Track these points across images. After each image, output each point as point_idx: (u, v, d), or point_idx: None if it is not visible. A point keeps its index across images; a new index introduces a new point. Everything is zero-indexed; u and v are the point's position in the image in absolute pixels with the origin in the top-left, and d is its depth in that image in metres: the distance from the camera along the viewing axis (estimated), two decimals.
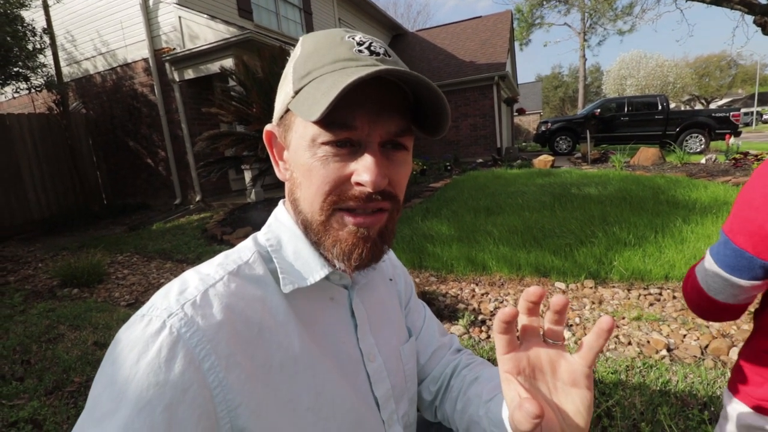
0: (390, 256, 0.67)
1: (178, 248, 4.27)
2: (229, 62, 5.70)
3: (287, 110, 0.44)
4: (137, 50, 6.65)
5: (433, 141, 11.24)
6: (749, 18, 7.59)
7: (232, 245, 4.24)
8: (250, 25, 7.17)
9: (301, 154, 0.42)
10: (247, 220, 4.87)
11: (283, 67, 4.61)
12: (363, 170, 0.40)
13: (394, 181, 0.44)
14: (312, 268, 0.46)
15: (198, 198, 6.76)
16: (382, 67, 0.37)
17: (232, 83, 4.99)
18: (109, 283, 3.46)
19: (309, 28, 9.34)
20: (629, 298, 2.32)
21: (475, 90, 10.97)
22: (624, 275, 2.55)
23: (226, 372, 0.38)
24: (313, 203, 0.43)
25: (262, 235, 0.50)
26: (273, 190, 6.98)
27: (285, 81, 0.45)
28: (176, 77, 6.41)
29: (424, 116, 0.44)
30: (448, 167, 8.68)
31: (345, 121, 0.40)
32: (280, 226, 0.49)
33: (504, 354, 0.37)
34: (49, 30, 5.99)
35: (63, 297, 3.15)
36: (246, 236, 4.60)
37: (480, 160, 10.16)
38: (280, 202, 0.52)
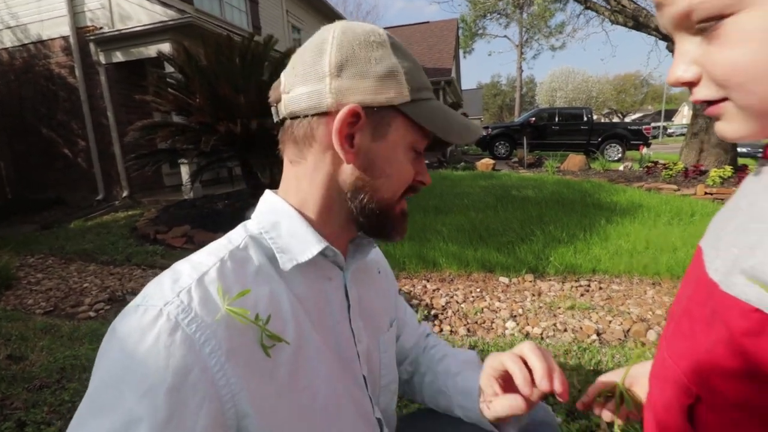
0: (378, 252, 0.69)
1: (103, 249, 3.88)
2: (166, 47, 5.28)
3: (392, 106, 0.46)
4: (55, 26, 5.91)
5: None
6: (662, 44, 8.63)
7: (168, 245, 3.94)
8: (190, 9, 6.68)
9: (399, 152, 0.49)
10: (184, 217, 4.53)
11: (230, 56, 4.31)
12: (425, 173, 0.53)
13: None
14: (308, 244, 0.47)
15: (125, 193, 6.19)
16: (477, 132, 0.53)
17: (169, 70, 4.63)
18: (19, 288, 3.05)
19: (254, 17, 8.95)
20: (563, 290, 2.54)
21: None
22: (559, 269, 2.78)
23: (227, 356, 0.39)
24: (396, 192, 0.50)
25: (251, 222, 0.51)
26: (213, 187, 6.59)
27: (391, 78, 0.45)
28: (102, 59, 5.80)
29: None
30: None
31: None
32: (271, 210, 0.50)
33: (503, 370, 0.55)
34: None
35: None
36: (184, 235, 4.32)
37: (426, 162, 10.43)
38: (267, 191, 0.53)
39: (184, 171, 5.42)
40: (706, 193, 5.05)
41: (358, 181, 0.47)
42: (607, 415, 0.52)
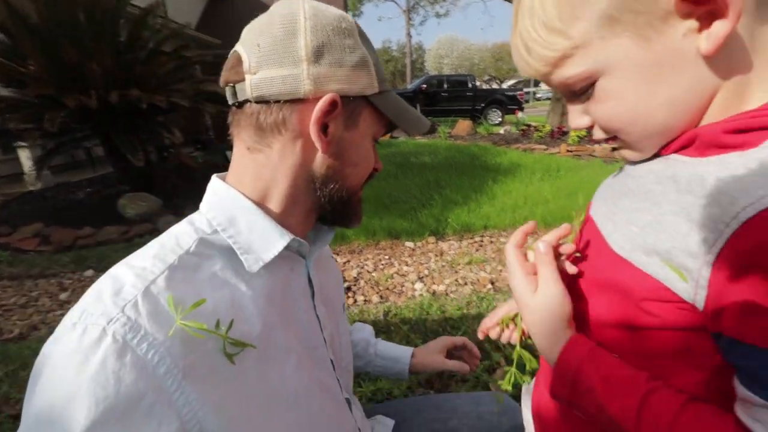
0: None
1: None
2: None
3: (363, 96, 0.46)
4: None
5: None
6: None
7: (15, 249, 3.21)
8: None
9: (367, 142, 0.50)
10: (33, 213, 3.70)
11: (72, 13, 3.53)
12: (379, 160, 0.54)
13: None
14: (271, 240, 0.45)
15: None
16: (427, 124, 0.54)
17: None
18: None
19: None
20: (462, 248, 2.77)
21: None
22: (456, 229, 3.02)
23: (184, 373, 0.36)
24: (362, 179, 0.52)
25: (200, 218, 0.46)
26: (68, 173, 5.51)
27: (363, 68, 0.45)
28: None
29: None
30: None
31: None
32: (225, 202, 0.46)
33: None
34: None
35: None
36: (37, 235, 3.57)
37: None
38: (215, 178, 0.48)
39: (25, 156, 4.42)
40: (568, 151, 5.91)
41: (329, 170, 0.47)
42: (505, 338, 0.60)
